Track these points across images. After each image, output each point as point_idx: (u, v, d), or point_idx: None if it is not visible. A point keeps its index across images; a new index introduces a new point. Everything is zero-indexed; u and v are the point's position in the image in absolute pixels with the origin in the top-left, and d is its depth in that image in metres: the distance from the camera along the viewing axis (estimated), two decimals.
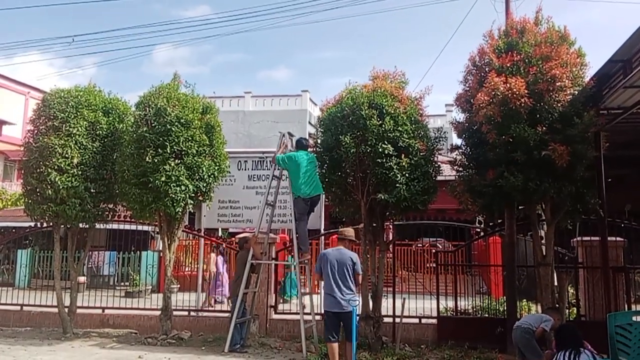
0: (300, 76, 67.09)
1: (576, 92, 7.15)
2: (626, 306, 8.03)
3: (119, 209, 9.48)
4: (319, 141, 8.37)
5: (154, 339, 8.21)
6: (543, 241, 7.76)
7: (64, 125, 8.43)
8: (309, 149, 8.19)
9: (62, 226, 8.99)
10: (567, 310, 8.15)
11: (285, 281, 12.08)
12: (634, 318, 4.89)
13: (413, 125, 7.83)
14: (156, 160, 7.85)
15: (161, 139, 7.93)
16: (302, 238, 7.88)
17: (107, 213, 9.11)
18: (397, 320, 8.27)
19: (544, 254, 7.57)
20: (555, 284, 8.20)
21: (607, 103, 7.55)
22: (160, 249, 9.86)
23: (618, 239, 8.37)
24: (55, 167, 8.24)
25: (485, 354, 7.38)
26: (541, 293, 7.31)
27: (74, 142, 8.40)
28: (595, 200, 7.30)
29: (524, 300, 9.04)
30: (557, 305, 6.93)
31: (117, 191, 8.66)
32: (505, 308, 8.22)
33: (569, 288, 8.97)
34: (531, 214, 7.76)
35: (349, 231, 6.90)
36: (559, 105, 7.07)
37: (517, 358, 6.09)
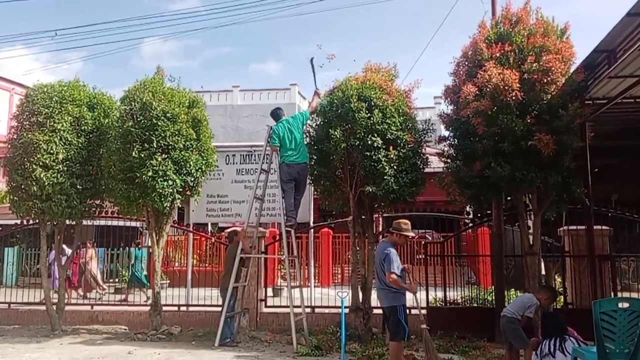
0: (291, 69, 66.79)
1: (564, 83, 7.19)
2: (612, 294, 8.12)
3: (106, 205, 9.40)
4: (310, 133, 8.37)
5: (143, 335, 8.17)
6: (530, 231, 7.83)
7: (48, 121, 8.34)
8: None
9: (49, 223, 8.91)
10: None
11: (133, 272, 12.56)
12: (619, 305, 4.93)
13: (401, 118, 7.85)
14: (143, 155, 7.79)
15: (147, 133, 7.86)
16: (289, 206, 7.86)
17: (94, 209, 9.04)
18: None
19: (531, 243, 7.64)
20: (543, 272, 8.29)
21: (593, 93, 7.60)
22: (149, 244, 9.79)
23: (604, 227, 8.47)
24: (40, 164, 8.15)
25: (474, 343, 7.44)
26: (528, 282, 7.38)
27: (58, 137, 8.31)
28: (581, 189, 7.38)
29: (512, 289, 9.11)
30: (548, 284, 6.97)
31: (104, 187, 8.58)
32: (493, 297, 8.30)
33: (556, 277, 9.08)
34: (518, 204, 7.82)
35: (399, 223, 6.03)
36: (548, 96, 7.11)
37: (504, 346, 6.14)
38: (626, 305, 4.92)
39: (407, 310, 6.04)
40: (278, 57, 70.21)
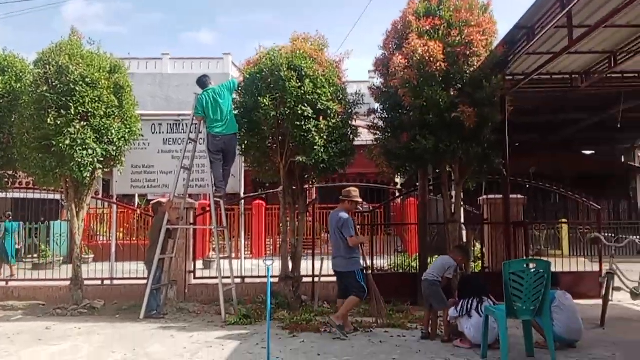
0: (225, 39, 64.87)
1: (486, 57, 7.46)
2: (525, 258, 8.71)
3: (20, 176, 8.81)
4: (239, 103, 8.19)
5: (63, 310, 7.82)
6: (453, 200, 8.19)
7: None
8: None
9: None
10: (473, 264, 8.71)
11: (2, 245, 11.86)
12: (527, 266, 5.30)
13: (332, 88, 7.85)
14: (59, 122, 7.30)
15: (64, 99, 7.36)
16: (217, 177, 7.73)
17: (6, 180, 8.44)
18: (317, 279, 8.47)
19: (453, 212, 8.01)
20: (465, 239, 8.73)
21: (513, 69, 7.98)
22: (69, 217, 9.29)
23: (519, 196, 9.00)
24: None
25: (398, 307, 7.74)
26: (449, 248, 7.74)
27: None
28: (499, 160, 7.78)
29: (436, 255, 9.54)
30: (462, 244, 7.32)
31: (17, 156, 8.01)
32: (417, 264, 8.65)
33: (476, 243, 9.59)
34: (442, 175, 8.14)
35: (348, 191, 6.60)
36: (471, 69, 7.36)
37: (425, 308, 6.43)
38: (533, 266, 5.30)
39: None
40: (212, 27, 67.94)
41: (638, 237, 10.63)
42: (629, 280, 7.15)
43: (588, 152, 24.50)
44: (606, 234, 10.46)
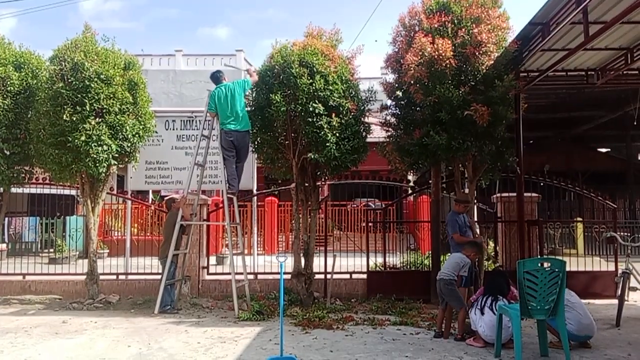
0: (242, 35, 64.96)
1: (499, 54, 7.38)
2: (539, 256, 8.64)
3: (37, 172, 8.93)
4: (251, 100, 8.22)
5: (79, 304, 7.94)
6: None
7: None
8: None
9: None
10: (486, 262, 8.66)
11: None
12: (541, 264, 5.25)
13: (344, 85, 7.82)
14: (75, 119, 7.40)
15: (79, 95, 7.46)
16: (230, 176, 7.83)
17: (23, 175, 8.57)
18: (329, 276, 8.48)
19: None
20: None
21: (527, 66, 7.87)
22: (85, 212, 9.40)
23: (533, 194, 8.92)
24: None
25: (411, 305, 7.75)
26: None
27: None
28: (513, 158, 7.71)
29: (448, 253, 9.49)
30: (475, 240, 7.24)
31: (33, 152, 8.13)
32: (430, 262, 8.63)
33: (489, 241, 9.53)
34: (455, 172, 8.09)
35: (463, 195, 7.57)
36: (483, 67, 7.28)
37: (440, 307, 6.41)
38: (547, 264, 5.25)
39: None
40: (228, 22, 68.11)
41: None
42: None
43: (603, 150, 24.18)
44: (622, 233, 10.32)
